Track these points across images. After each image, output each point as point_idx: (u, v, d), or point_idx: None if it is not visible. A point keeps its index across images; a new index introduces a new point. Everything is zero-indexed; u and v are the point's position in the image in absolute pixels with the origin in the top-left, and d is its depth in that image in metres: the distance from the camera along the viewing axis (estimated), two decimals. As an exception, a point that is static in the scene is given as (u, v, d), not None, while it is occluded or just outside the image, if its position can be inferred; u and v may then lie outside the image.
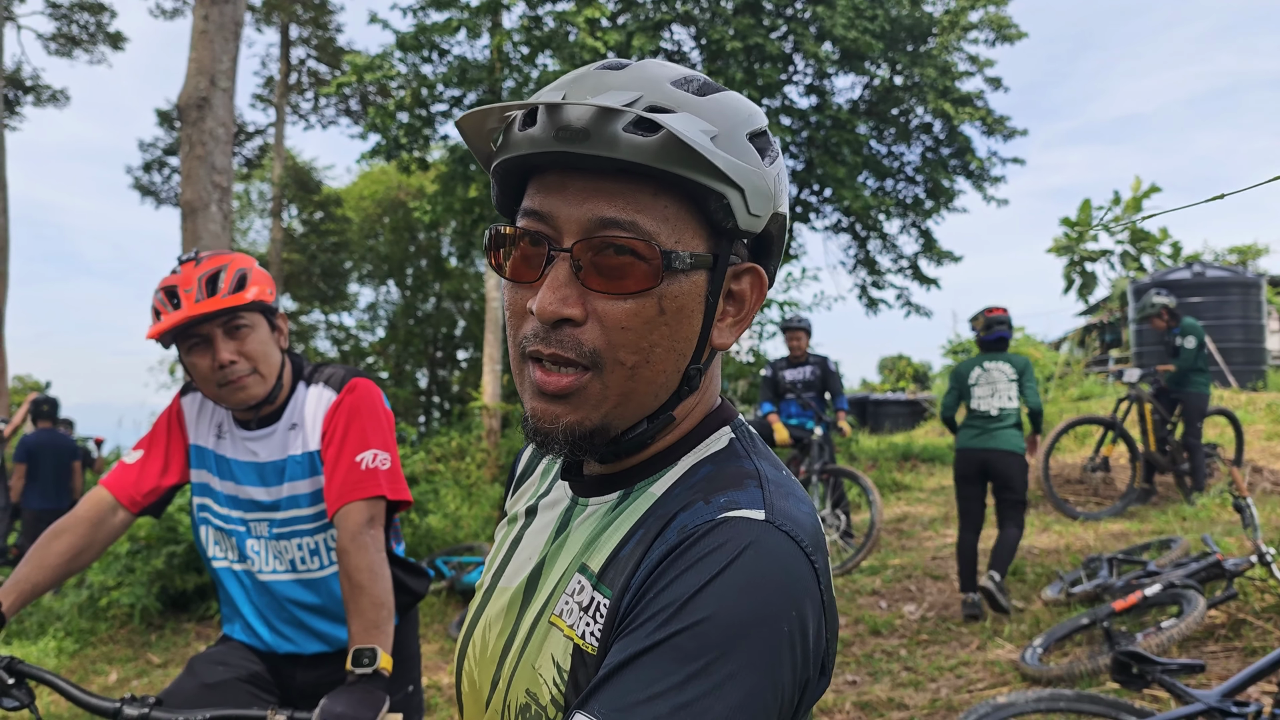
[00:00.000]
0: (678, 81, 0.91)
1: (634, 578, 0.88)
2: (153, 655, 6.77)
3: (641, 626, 0.81)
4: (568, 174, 0.89)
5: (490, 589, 1.08)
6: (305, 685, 2.32)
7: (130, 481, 2.26)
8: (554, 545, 1.02)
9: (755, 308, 0.99)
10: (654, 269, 0.87)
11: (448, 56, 12.73)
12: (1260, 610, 4.91)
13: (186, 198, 8.33)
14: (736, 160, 0.88)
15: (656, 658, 0.77)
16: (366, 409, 2.22)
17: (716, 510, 0.87)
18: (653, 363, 0.91)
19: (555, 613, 0.95)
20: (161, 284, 2.13)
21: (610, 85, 0.89)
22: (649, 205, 0.88)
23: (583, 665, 0.89)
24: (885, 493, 10.77)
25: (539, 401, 0.91)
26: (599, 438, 0.92)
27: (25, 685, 1.91)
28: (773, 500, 0.88)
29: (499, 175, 0.95)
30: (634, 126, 0.84)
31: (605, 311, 0.88)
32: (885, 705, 4.62)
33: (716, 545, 0.82)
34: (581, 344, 0.88)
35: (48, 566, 2.10)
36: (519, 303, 0.92)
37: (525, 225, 0.91)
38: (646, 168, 0.85)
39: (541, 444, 0.93)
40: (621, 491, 0.99)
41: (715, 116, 0.90)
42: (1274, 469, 9.28)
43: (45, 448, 9.27)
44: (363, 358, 24.25)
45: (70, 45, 21.45)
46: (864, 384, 27.04)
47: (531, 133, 0.87)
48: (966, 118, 12.63)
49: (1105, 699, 3.55)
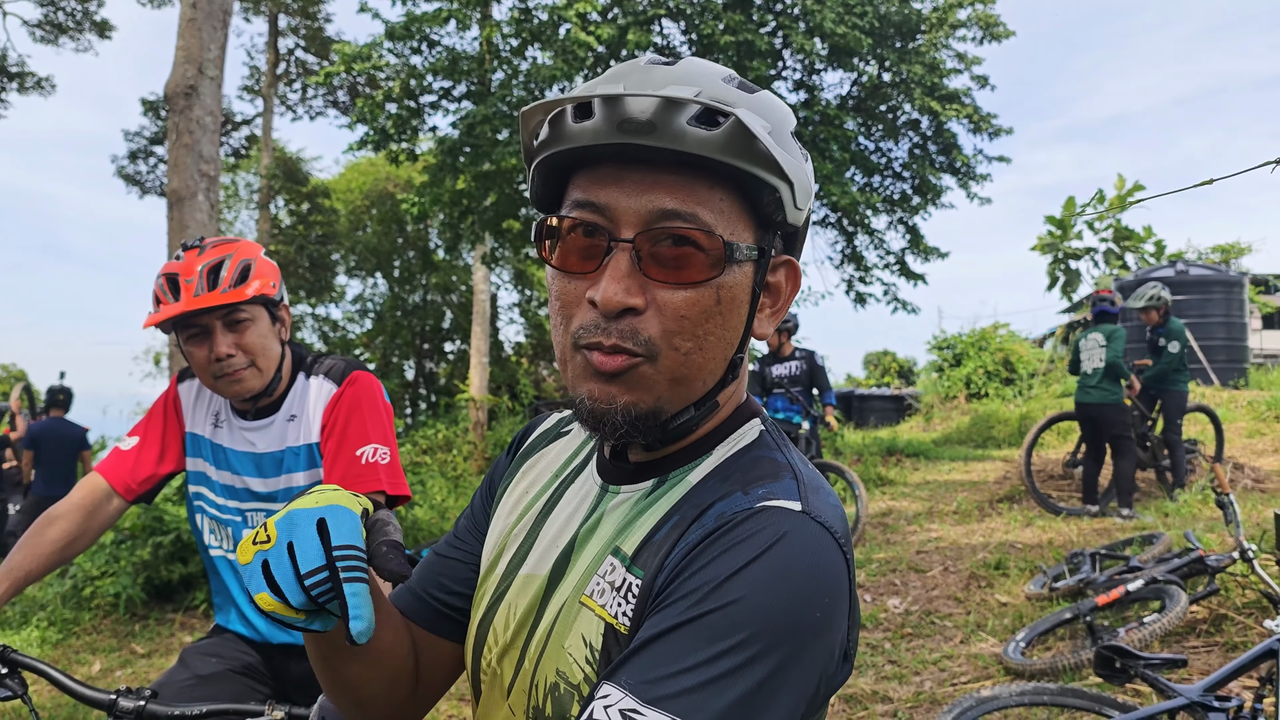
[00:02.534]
0: (726, 79, 0.94)
1: (669, 559, 0.89)
2: (137, 645, 6.74)
3: (675, 604, 0.82)
4: (625, 166, 0.90)
5: (508, 575, 1.09)
6: (299, 676, 2.32)
7: (126, 469, 2.25)
8: (583, 530, 1.03)
9: (790, 299, 1.02)
10: (714, 260, 0.90)
11: (437, 48, 12.69)
12: (1241, 606, 4.96)
13: (173, 186, 8.28)
14: (789, 156, 0.92)
15: (687, 634, 0.79)
16: (367, 402, 2.22)
17: (755, 500, 0.89)
18: (705, 350, 0.92)
19: (586, 593, 0.96)
20: (164, 269, 2.11)
21: (669, 80, 0.91)
22: (707, 198, 0.89)
23: (616, 644, 0.91)
24: (870, 487, 10.83)
25: (595, 383, 0.91)
26: (653, 419, 0.93)
27: (19, 675, 1.90)
28: (808, 494, 0.91)
29: (545, 168, 0.95)
30: (696, 120, 0.85)
31: (665, 301, 0.90)
32: (869, 698, 4.65)
33: (753, 532, 0.84)
34: (638, 333, 0.89)
35: (41, 554, 2.09)
36: (571, 293, 0.93)
37: (580, 216, 0.92)
38: (708, 160, 0.86)
39: (598, 426, 0.93)
40: (656, 479, 1.00)
41: (767, 113, 0.93)
42: (1255, 466, 9.38)
43: (52, 435, 9.28)
44: (350, 350, 24.17)
45: (57, 32, 21.24)
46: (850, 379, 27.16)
47: (590, 125, 0.87)
48: (954, 115, 12.68)
49: (1088, 693, 3.58)
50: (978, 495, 9.74)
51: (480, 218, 13.51)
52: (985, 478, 10.88)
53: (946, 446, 14.02)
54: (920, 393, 19.63)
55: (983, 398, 17.22)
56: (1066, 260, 26.40)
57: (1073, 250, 26.18)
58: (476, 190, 13.02)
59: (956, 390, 17.81)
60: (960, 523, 8.59)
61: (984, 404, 16.66)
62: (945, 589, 6.49)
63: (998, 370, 17.21)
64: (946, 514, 9.04)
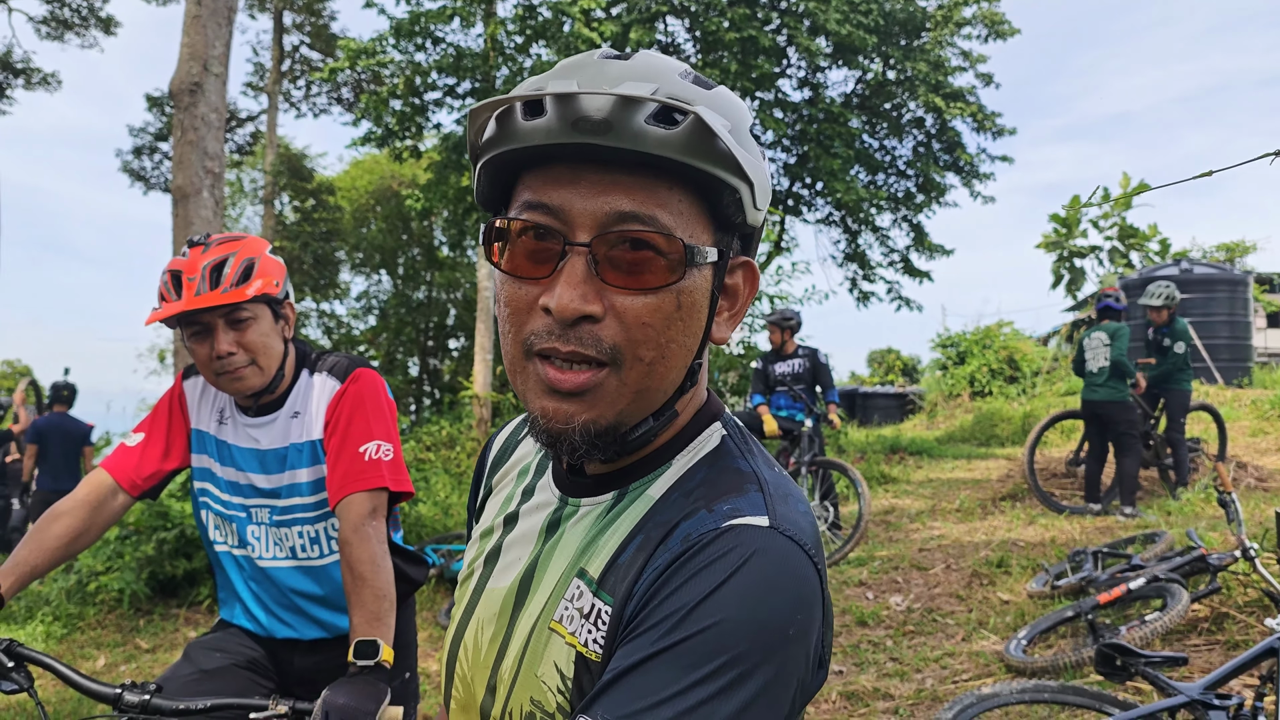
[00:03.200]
0: (683, 74, 0.90)
1: (637, 584, 0.87)
2: (141, 640, 6.76)
3: (647, 633, 0.81)
4: (578, 166, 0.86)
5: (478, 589, 1.07)
6: (303, 670, 2.34)
7: (131, 465, 2.27)
8: (546, 546, 1.00)
9: (748, 301, 0.99)
10: (674, 263, 0.86)
11: (442, 44, 12.71)
12: (1243, 604, 4.96)
13: (178, 183, 8.30)
14: (749, 155, 0.88)
15: (663, 663, 0.78)
16: (370, 399, 2.23)
17: (720, 519, 0.86)
18: (668, 358, 0.89)
19: (555, 618, 0.94)
20: (168, 266, 2.12)
21: (624, 75, 0.87)
22: (666, 199, 0.86)
23: (586, 672, 0.89)
24: (873, 485, 10.83)
25: (551, 400, 0.88)
26: (612, 434, 0.90)
27: (25, 669, 1.91)
28: (774, 505, 0.88)
29: (492, 168, 0.90)
30: (655, 118, 0.81)
31: (625, 307, 0.86)
32: (871, 695, 4.66)
33: (722, 553, 0.82)
34: (601, 340, 0.86)
35: (47, 549, 2.10)
36: (523, 298, 0.88)
37: (531, 218, 0.87)
38: (668, 160, 0.83)
39: (553, 444, 0.90)
40: (616, 492, 0.97)
41: (725, 110, 0.90)
42: (1258, 465, 9.37)
43: (56, 431, 9.36)
44: (354, 346, 24.21)
45: (62, 29, 21.30)
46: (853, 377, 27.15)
47: (542, 123, 0.83)
48: (958, 113, 12.68)
49: (1089, 690, 3.59)
50: (980, 493, 9.74)
51: (484, 214, 13.54)
52: (988, 476, 10.87)
53: (949, 444, 14.01)
54: (924, 391, 19.60)
55: (986, 396, 17.20)
56: (1071, 258, 26.35)
57: (1077, 248, 26.14)
58: (480, 187, 13.03)
59: (960, 388, 17.80)
60: (963, 520, 8.59)
61: (987, 402, 16.64)
62: (947, 587, 6.50)
63: (1001, 368, 17.18)
64: (949, 512, 9.04)
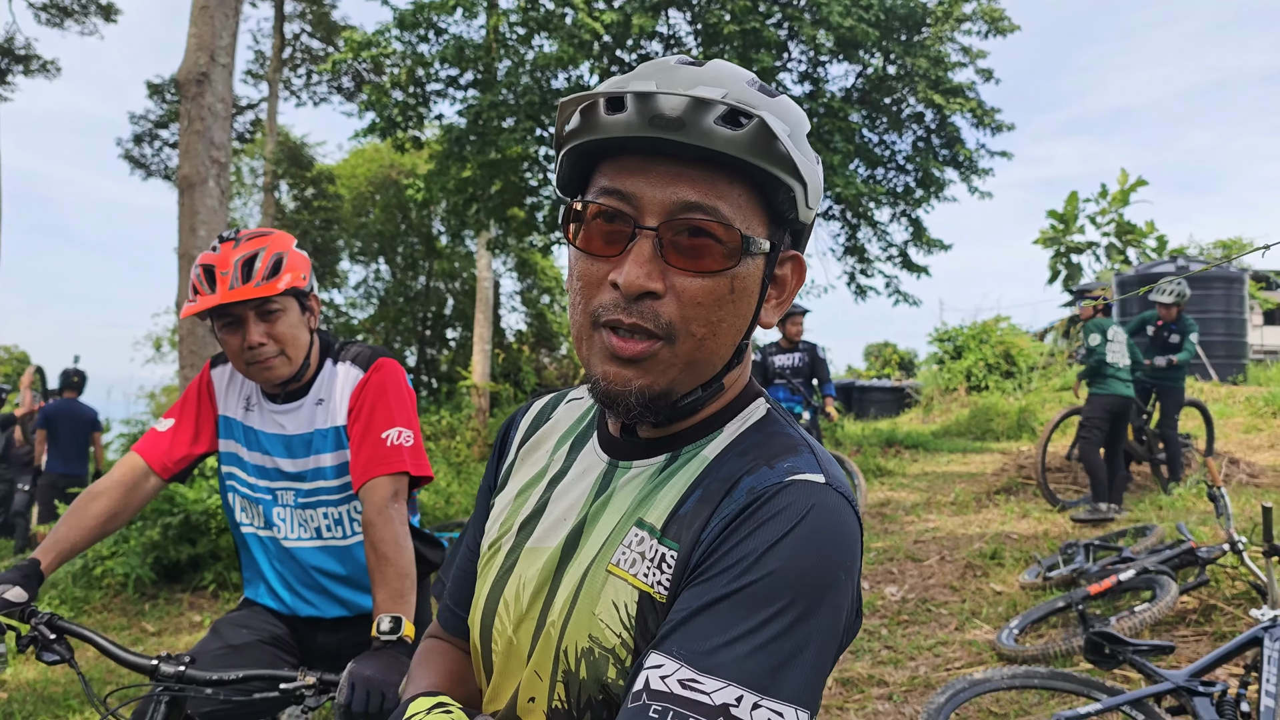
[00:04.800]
0: (749, 82, 1.00)
1: (705, 532, 0.96)
2: (147, 624, 6.86)
3: (717, 577, 0.90)
4: (650, 158, 0.96)
5: (514, 550, 1.13)
6: (326, 648, 2.44)
7: (163, 449, 2.37)
8: (595, 504, 1.08)
9: (795, 291, 1.09)
10: (731, 251, 0.96)
11: (444, 35, 12.75)
12: (1231, 596, 5.07)
13: (184, 173, 8.37)
14: (805, 158, 0.98)
15: (733, 604, 0.87)
16: (392, 387, 2.32)
17: (782, 474, 0.96)
18: (718, 336, 0.99)
19: (613, 562, 1.02)
20: (201, 260, 2.22)
21: (697, 80, 0.96)
22: (726, 192, 0.96)
23: (652, 611, 0.97)
24: (869, 477, 10.94)
25: (612, 365, 0.98)
26: (664, 400, 0.99)
27: (65, 641, 2.01)
28: (826, 466, 0.99)
29: (574, 156, 1.01)
30: (722, 120, 0.91)
31: (683, 287, 0.96)
32: (866, 682, 4.77)
33: (786, 505, 0.92)
34: (660, 316, 0.96)
35: (84, 527, 2.21)
36: (594, 274, 0.99)
37: (606, 203, 0.97)
38: (731, 158, 0.92)
39: (611, 405, 0.99)
40: (668, 455, 1.06)
41: (786, 117, 1.00)
42: (1250, 461, 9.48)
43: (64, 416, 9.50)
44: (352, 335, 24.26)
45: (62, 16, 21.27)
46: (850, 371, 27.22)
47: (622, 118, 0.92)
48: (957, 108, 12.74)
49: (1077, 677, 3.69)
50: (975, 487, 9.85)
51: (485, 205, 13.59)
52: (983, 469, 10.98)
53: (945, 438, 14.12)
54: (921, 385, 19.71)
55: (983, 390, 17.31)
56: (1068, 254, 26.47)
57: (1075, 244, 26.25)
58: (481, 178, 13.09)
59: (957, 383, 17.91)
60: (958, 513, 8.70)
61: (984, 397, 16.74)
62: (941, 578, 6.60)
63: (998, 363, 17.29)
64: (944, 505, 9.15)
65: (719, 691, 0.83)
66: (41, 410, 9.69)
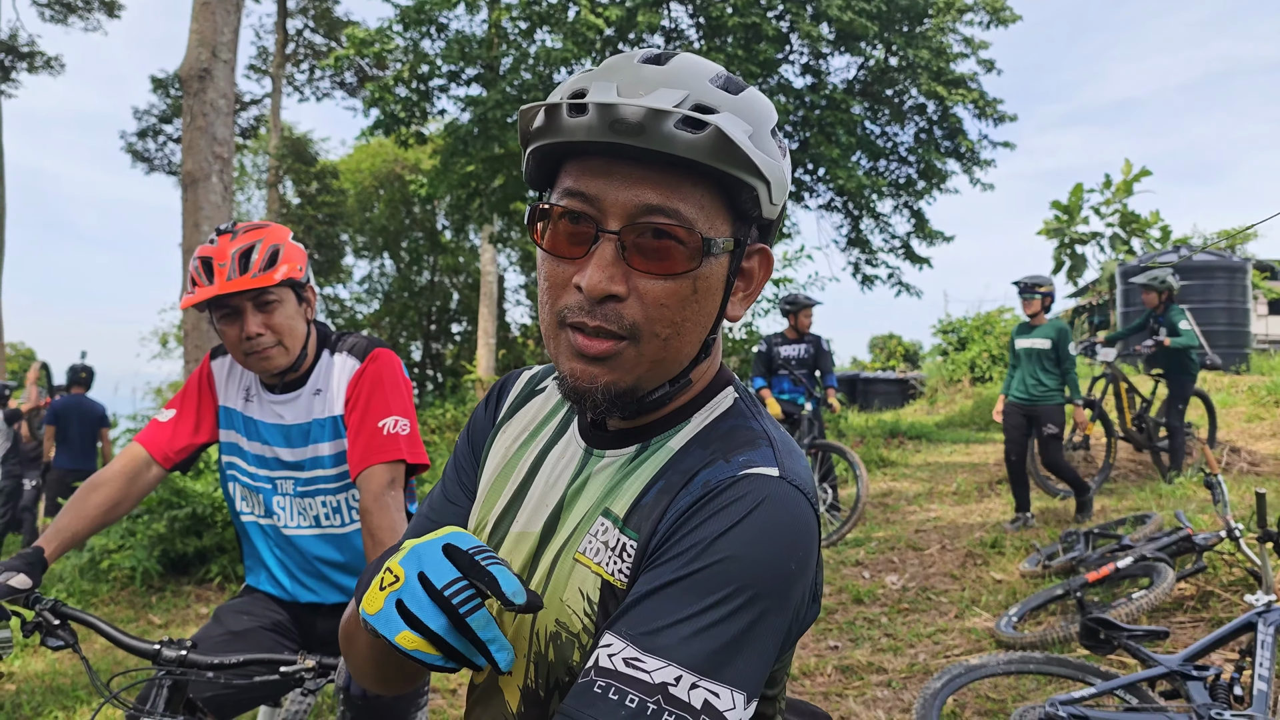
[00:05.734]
0: (713, 78, 1.00)
1: (661, 522, 1.00)
2: (153, 616, 6.92)
3: (668, 563, 0.93)
4: (613, 161, 0.97)
5: (498, 531, 1.16)
6: (325, 633, 2.48)
7: (164, 439, 2.41)
8: (571, 490, 1.11)
9: (762, 283, 1.11)
10: (693, 253, 0.97)
11: (446, 31, 12.77)
12: (1228, 583, 5.10)
13: (188, 169, 8.42)
14: (767, 157, 0.99)
15: (681, 589, 0.91)
16: (388, 377, 2.36)
17: (737, 468, 0.99)
18: (682, 335, 1.01)
19: (579, 550, 1.05)
20: (199, 253, 2.26)
21: (659, 80, 0.97)
22: (689, 194, 0.97)
23: (613, 598, 1.01)
24: (872, 468, 10.97)
25: (578, 363, 1.00)
26: (630, 396, 1.02)
27: (69, 627, 2.05)
28: (782, 458, 1.02)
29: (539, 154, 1.01)
30: (682, 124, 0.92)
31: (646, 289, 0.98)
32: (865, 669, 4.80)
33: (738, 497, 0.95)
34: (623, 317, 0.98)
35: (86, 516, 2.24)
36: (559, 275, 1.01)
37: (570, 205, 0.99)
38: (692, 161, 0.94)
39: (579, 400, 1.02)
40: (639, 445, 1.09)
41: (749, 115, 1.00)
42: (1252, 450, 9.49)
43: (73, 411, 9.59)
44: (358, 330, 24.31)
45: (66, 12, 21.35)
46: (855, 362, 27.24)
47: (584, 121, 0.93)
48: (959, 99, 12.73)
49: (1072, 661, 3.73)
50: (977, 477, 9.88)
51: (488, 200, 13.63)
52: (985, 460, 11.00)
53: (949, 429, 14.13)
54: (925, 376, 19.73)
55: (987, 381, 17.32)
56: (1072, 245, 26.43)
57: (1078, 235, 26.22)
58: (484, 173, 13.12)
59: (961, 374, 17.92)
60: (959, 503, 8.74)
61: (988, 388, 16.75)
62: (942, 566, 6.64)
63: (1002, 354, 17.27)
64: (946, 495, 9.18)
65: (659, 670, 0.87)
66: (50, 406, 9.78)
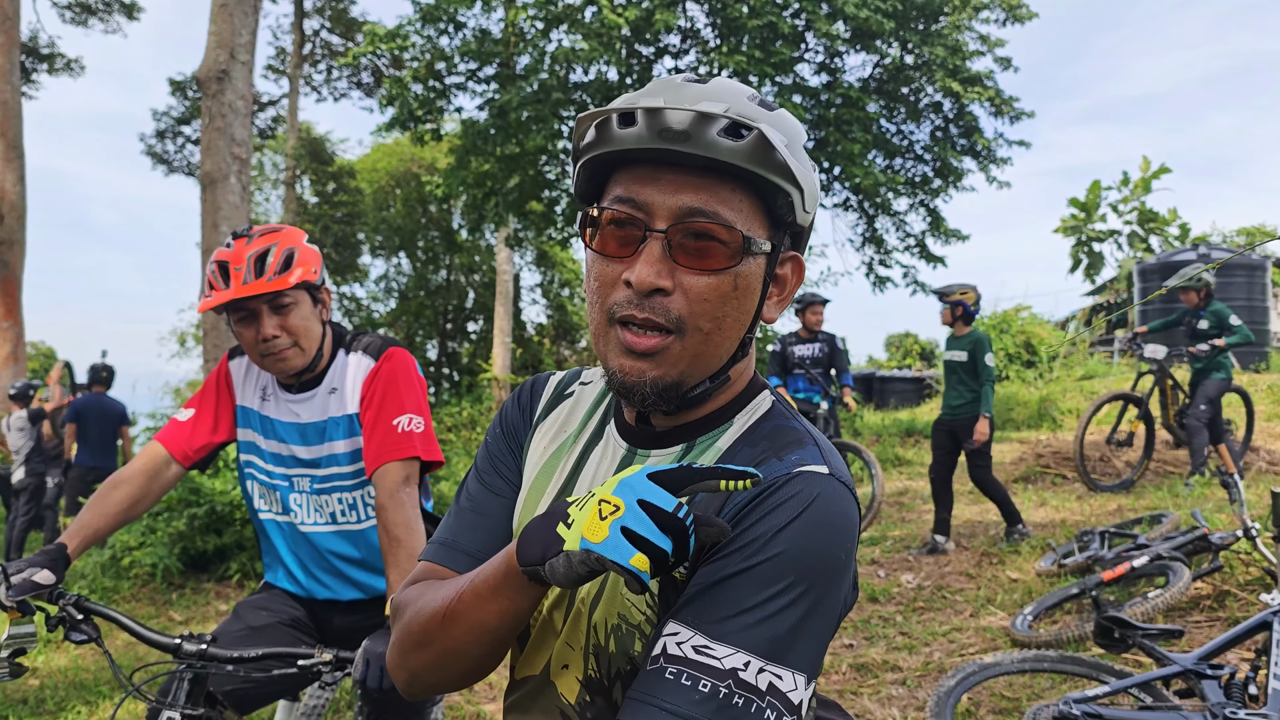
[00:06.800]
0: (750, 97, 1.10)
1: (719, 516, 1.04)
2: (174, 613, 6.99)
3: (730, 556, 0.99)
4: (659, 168, 1.05)
5: None
6: (342, 629, 2.52)
7: (183, 438, 2.45)
8: None
9: (795, 289, 1.19)
10: (733, 251, 1.05)
11: (464, 30, 12.81)
12: (1244, 583, 5.08)
13: (206, 169, 8.49)
14: (801, 166, 1.07)
15: (744, 580, 0.97)
16: (402, 376, 2.39)
17: (790, 466, 1.06)
18: (723, 330, 1.08)
19: None
20: (215, 257, 2.30)
21: (701, 96, 1.06)
22: (729, 198, 1.05)
23: (673, 588, 1.07)
24: (887, 467, 10.96)
25: (627, 359, 1.07)
26: (675, 390, 1.08)
27: (92, 621, 2.10)
28: (829, 457, 1.09)
29: (590, 167, 1.10)
30: (725, 132, 1.00)
31: (690, 285, 1.05)
32: (880, 667, 4.81)
33: (794, 494, 1.01)
34: (669, 310, 1.05)
35: (108, 513, 2.29)
36: (609, 274, 1.08)
37: (620, 209, 1.07)
38: (733, 167, 1.02)
39: (627, 395, 1.09)
40: (684, 445, 1.16)
41: (784, 129, 1.10)
42: (1271, 449, 9.43)
43: (93, 410, 9.72)
44: (374, 329, 24.41)
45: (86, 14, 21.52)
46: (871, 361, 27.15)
47: (633, 131, 1.02)
48: (975, 97, 12.68)
49: (1086, 660, 3.73)
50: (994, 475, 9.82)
51: (504, 199, 13.66)
52: (1002, 459, 10.95)
53: (965, 428, 14.06)
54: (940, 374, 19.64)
55: (1003, 380, 17.25)
56: (1089, 243, 26.30)
57: (1096, 233, 26.09)
58: (500, 172, 13.16)
59: (977, 372, 17.79)
60: (975, 502, 8.71)
61: (1004, 386, 16.68)
62: (957, 565, 6.64)
63: (1019, 353, 17.20)
64: (962, 494, 9.15)
65: (729, 657, 0.94)
66: (71, 405, 9.90)
